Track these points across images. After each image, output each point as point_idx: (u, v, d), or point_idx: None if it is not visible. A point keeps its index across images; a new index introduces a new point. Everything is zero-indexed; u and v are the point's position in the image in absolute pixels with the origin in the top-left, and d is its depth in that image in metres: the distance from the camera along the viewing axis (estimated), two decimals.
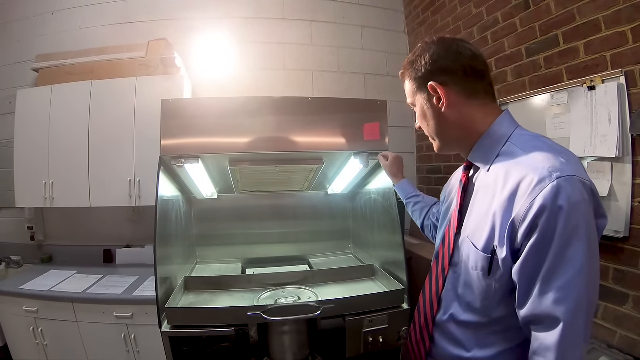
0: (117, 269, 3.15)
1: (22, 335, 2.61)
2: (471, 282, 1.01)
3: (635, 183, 1.74)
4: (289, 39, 3.55)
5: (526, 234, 0.85)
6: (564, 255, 0.80)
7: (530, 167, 0.87)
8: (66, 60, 3.12)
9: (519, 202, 0.86)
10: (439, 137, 1.13)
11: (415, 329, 1.24)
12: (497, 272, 0.93)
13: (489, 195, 0.98)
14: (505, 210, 0.90)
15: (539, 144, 0.94)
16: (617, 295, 1.79)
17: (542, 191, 0.82)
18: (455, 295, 1.09)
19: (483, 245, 0.96)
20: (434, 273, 1.18)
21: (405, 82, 1.16)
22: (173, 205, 2.11)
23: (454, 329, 1.09)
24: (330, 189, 2.67)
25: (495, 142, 1.02)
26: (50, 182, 2.90)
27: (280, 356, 1.75)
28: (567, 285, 0.80)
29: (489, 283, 0.95)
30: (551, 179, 0.82)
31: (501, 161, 0.98)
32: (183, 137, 1.85)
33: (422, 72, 1.08)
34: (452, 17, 3.05)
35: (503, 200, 0.91)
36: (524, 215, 0.84)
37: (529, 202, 0.83)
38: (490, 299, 0.97)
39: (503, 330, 0.99)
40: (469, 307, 1.04)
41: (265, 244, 2.67)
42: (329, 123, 1.92)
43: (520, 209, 0.85)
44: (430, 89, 1.05)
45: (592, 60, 1.90)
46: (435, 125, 1.11)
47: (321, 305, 1.64)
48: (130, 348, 2.53)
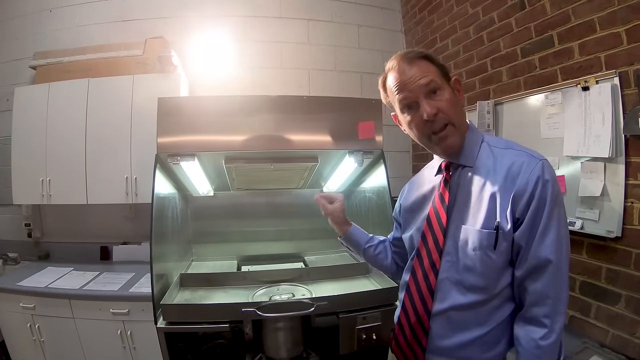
0: (113, 265, 3.15)
1: (19, 331, 2.61)
2: (472, 264, 1.10)
3: (628, 183, 1.74)
4: (286, 38, 3.55)
5: (526, 203, 1.03)
6: (552, 216, 1.02)
7: (517, 154, 1.09)
8: (64, 57, 3.12)
9: (517, 180, 1.04)
10: (463, 126, 1.18)
11: (404, 332, 1.23)
12: (502, 244, 1.05)
13: (479, 185, 1.11)
14: (505, 190, 1.05)
15: (510, 142, 1.17)
16: (610, 295, 1.81)
17: (535, 168, 1.03)
18: (452, 283, 1.13)
19: (482, 224, 1.07)
20: (418, 270, 1.20)
21: (422, 63, 1.14)
22: (169, 202, 2.12)
23: (453, 315, 1.13)
24: (326, 187, 2.68)
25: (474, 143, 1.18)
26: (47, 179, 2.90)
27: (275, 353, 1.76)
28: (556, 237, 1.02)
29: (494, 258, 1.07)
30: (537, 160, 1.05)
31: (483, 157, 1.15)
32: (179, 135, 1.86)
33: (441, 64, 1.17)
34: (448, 17, 3.06)
35: (499, 183, 1.07)
36: (524, 188, 1.03)
37: (526, 177, 1.03)
38: (493, 274, 1.09)
39: (500, 304, 1.11)
40: (471, 288, 1.11)
41: (261, 242, 2.68)
42: (324, 122, 1.94)
43: (519, 185, 1.03)
44: (456, 81, 1.18)
45: (586, 61, 1.91)
46: (461, 113, 1.18)
47: (315, 303, 1.65)
48: (126, 344, 2.53)
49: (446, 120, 1.12)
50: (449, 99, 1.12)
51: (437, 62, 1.16)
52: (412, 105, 1.14)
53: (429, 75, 1.11)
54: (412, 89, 1.12)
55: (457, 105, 1.15)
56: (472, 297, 1.11)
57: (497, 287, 1.09)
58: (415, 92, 1.12)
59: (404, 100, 1.15)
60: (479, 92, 2.69)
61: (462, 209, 1.14)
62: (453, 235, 1.14)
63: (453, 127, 1.13)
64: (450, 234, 1.14)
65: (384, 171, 2.08)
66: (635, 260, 1.71)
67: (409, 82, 1.12)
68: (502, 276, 1.09)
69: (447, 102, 1.11)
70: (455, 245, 1.13)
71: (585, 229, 1.91)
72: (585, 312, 1.92)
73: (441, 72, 1.14)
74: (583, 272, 1.94)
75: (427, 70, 1.13)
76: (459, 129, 1.15)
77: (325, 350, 1.81)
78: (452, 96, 1.14)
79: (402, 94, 1.14)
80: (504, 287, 1.10)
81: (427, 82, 1.11)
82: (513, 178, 1.05)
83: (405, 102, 1.15)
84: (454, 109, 1.13)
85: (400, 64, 1.15)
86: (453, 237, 1.14)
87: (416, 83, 1.11)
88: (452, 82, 1.17)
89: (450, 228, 1.15)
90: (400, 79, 1.14)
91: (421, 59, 1.15)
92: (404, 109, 1.17)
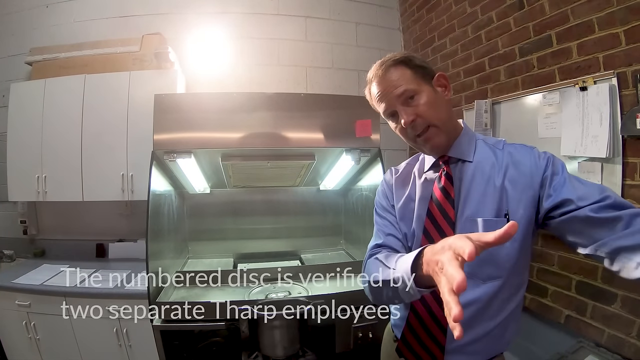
0: (109, 263, 3.13)
1: (15, 329, 2.60)
2: (484, 255, 1.05)
3: (625, 184, 1.75)
4: (283, 35, 3.53)
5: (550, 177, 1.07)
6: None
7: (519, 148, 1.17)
8: (60, 53, 3.09)
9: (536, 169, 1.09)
10: (447, 126, 1.17)
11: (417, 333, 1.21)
12: None
13: (484, 178, 1.14)
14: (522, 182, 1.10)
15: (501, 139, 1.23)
16: (606, 295, 1.81)
17: (539, 154, 1.12)
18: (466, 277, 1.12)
19: (494, 214, 1.10)
20: None
21: (396, 72, 1.14)
22: (165, 199, 2.11)
23: (468, 310, 1.10)
24: (323, 185, 2.68)
25: (471, 139, 1.22)
26: (43, 176, 2.88)
27: (271, 351, 1.76)
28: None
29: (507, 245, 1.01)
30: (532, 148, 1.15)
31: (482, 152, 1.19)
32: (176, 132, 1.85)
33: (422, 64, 1.15)
34: (446, 16, 3.05)
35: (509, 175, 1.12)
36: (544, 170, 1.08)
37: (544, 164, 1.09)
38: (505, 262, 1.10)
39: (508, 296, 1.14)
40: (486, 279, 1.12)
41: (257, 239, 2.68)
42: (321, 119, 1.93)
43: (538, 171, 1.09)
44: (441, 77, 1.17)
45: (584, 61, 1.90)
46: (444, 113, 1.16)
47: (311, 301, 1.65)
48: (122, 342, 2.53)
49: (426, 123, 1.13)
50: (427, 102, 1.13)
51: (414, 63, 1.15)
52: (394, 113, 1.16)
53: (402, 85, 1.13)
54: (389, 99, 1.15)
55: (437, 105, 1.14)
56: (486, 288, 1.12)
57: (511, 276, 1.12)
58: (393, 102, 1.15)
59: (386, 110, 1.18)
60: (476, 91, 2.69)
61: (468, 202, 1.14)
62: (462, 228, 1.12)
63: (435, 128, 1.14)
64: (459, 227, 1.13)
65: (381, 169, 2.07)
66: None
67: (386, 93, 1.15)
68: (515, 264, 1.11)
69: (425, 105, 1.12)
70: None
71: None
72: (581, 312, 1.93)
73: (419, 74, 1.14)
74: (579, 272, 1.94)
75: (402, 77, 1.13)
76: (442, 128, 1.15)
77: (322, 348, 1.81)
78: (431, 97, 1.13)
79: (382, 105, 1.18)
80: (516, 274, 1.12)
81: (401, 92, 1.13)
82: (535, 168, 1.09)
83: (387, 112, 1.19)
84: (433, 109, 1.13)
85: (377, 73, 1.17)
86: (462, 230, 1.11)
87: (392, 94, 1.14)
88: (435, 79, 1.16)
89: (458, 222, 1.14)
90: (379, 89, 1.17)
91: (396, 66, 1.15)
92: (388, 117, 1.20)
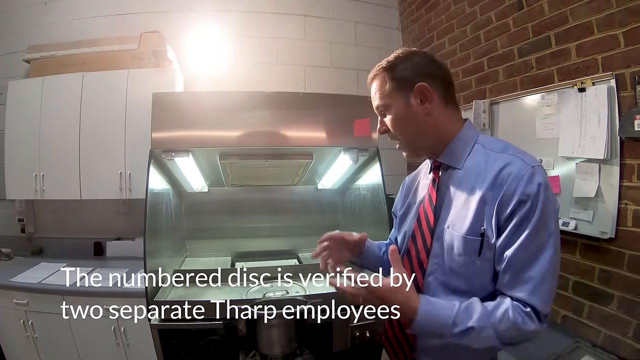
0: (107, 261, 3.14)
1: (13, 328, 2.59)
2: (457, 268, 1.09)
3: (622, 185, 1.75)
4: (282, 34, 3.53)
5: (508, 216, 0.98)
6: (535, 238, 0.96)
7: (508, 158, 1.03)
8: (58, 51, 3.09)
9: (504, 187, 0.99)
10: (414, 140, 1.18)
11: (393, 325, 1.24)
12: (486, 252, 1.03)
13: (467, 188, 1.08)
14: (492, 196, 1.01)
15: (507, 145, 1.10)
16: (602, 295, 1.82)
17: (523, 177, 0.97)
18: (438, 284, 1.13)
19: (466, 231, 1.05)
20: (407, 270, 1.17)
21: (376, 83, 1.17)
22: (163, 198, 2.11)
23: None
24: (320, 184, 2.68)
25: (466, 144, 1.15)
26: (40, 174, 2.88)
27: (269, 350, 1.75)
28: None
29: (478, 264, 1.05)
30: (528, 167, 0.98)
31: (474, 158, 1.11)
32: (174, 131, 1.85)
33: (406, 73, 1.12)
34: (445, 15, 3.05)
35: (487, 188, 1.02)
36: (508, 200, 0.98)
37: (513, 187, 0.97)
38: (477, 279, 1.07)
39: None
40: (455, 291, 1.10)
41: (255, 238, 2.68)
42: (319, 118, 1.93)
43: (505, 194, 0.98)
44: (421, 87, 1.10)
45: (583, 62, 1.91)
46: (413, 128, 1.15)
47: (309, 300, 1.65)
48: (120, 340, 2.53)
49: (393, 137, 1.20)
50: (394, 118, 1.15)
51: (395, 74, 1.13)
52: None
53: (375, 100, 1.18)
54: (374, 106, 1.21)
55: (406, 120, 1.14)
56: (455, 299, 1.07)
57: (481, 292, 1.06)
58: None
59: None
60: (475, 91, 2.69)
61: (449, 212, 1.12)
62: (440, 237, 1.13)
63: (402, 142, 1.19)
64: (437, 236, 1.14)
65: (379, 169, 2.07)
66: (628, 262, 1.72)
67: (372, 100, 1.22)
68: (486, 281, 1.07)
69: (391, 121, 1.16)
70: (441, 247, 1.12)
71: (579, 230, 1.92)
72: (577, 312, 1.94)
73: (398, 85, 1.12)
74: (576, 272, 1.95)
75: (379, 90, 1.16)
76: (410, 143, 1.18)
77: (319, 347, 1.81)
78: (400, 113, 1.13)
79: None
80: (488, 292, 1.07)
81: (375, 107, 1.20)
82: (500, 185, 0.99)
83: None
84: (400, 125, 1.16)
85: (368, 80, 1.22)
86: (440, 239, 1.13)
87: (373, 104, 1.21)
88: (415, 90, 1.10)
89: (437, 230, 1.14)
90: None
91: (377, 77, 1.18)
92: None
